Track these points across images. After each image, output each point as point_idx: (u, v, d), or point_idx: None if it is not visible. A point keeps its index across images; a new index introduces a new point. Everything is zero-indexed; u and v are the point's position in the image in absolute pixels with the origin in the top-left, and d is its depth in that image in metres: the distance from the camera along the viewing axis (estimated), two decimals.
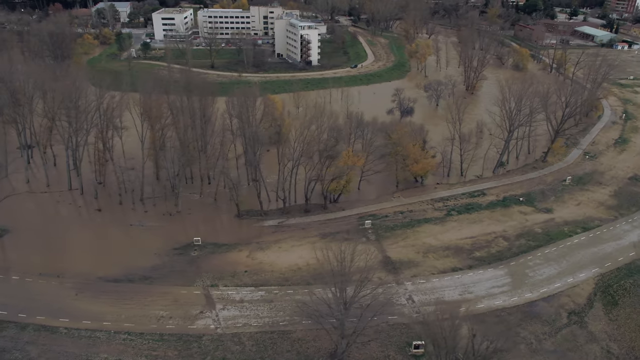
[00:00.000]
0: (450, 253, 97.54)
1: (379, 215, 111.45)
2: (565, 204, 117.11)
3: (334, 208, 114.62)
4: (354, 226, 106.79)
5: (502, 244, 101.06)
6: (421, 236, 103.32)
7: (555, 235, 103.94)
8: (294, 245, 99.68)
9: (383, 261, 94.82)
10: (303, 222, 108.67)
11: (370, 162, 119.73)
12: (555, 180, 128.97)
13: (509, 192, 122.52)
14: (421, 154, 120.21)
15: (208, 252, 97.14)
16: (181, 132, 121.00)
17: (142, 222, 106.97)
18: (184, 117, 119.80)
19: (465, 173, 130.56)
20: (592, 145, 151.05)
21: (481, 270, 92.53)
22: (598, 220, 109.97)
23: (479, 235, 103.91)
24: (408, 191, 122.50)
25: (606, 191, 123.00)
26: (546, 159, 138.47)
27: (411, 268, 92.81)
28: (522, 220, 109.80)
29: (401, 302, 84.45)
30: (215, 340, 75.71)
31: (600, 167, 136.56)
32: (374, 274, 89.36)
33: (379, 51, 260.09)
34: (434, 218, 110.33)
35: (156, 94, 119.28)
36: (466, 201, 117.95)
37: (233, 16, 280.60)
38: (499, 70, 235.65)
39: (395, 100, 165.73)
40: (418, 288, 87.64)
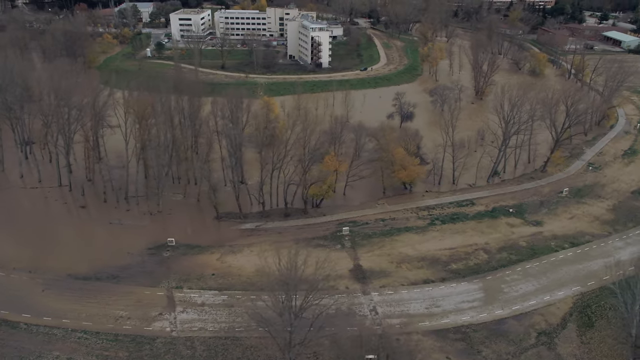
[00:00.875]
0: (425, 264, 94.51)
1: (359, 222, 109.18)
2: (557, 217, 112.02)
3: (315, 213, 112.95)
4: (331, 232, 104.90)
5: (482, 256, 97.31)
6: (398, 245, 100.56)
7: (540, 249, 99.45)
8: (265, 249, 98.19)
9: (354, 269, 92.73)
10: (281, 227, 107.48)
11: (355, 167, 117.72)
12: (552, 191, 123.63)
13: (500, 202, 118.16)
14: (409, 161, 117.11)
15: (180, 254, 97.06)
16: (168, 132, 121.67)
17: (122, 220, 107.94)
18: (166, 116, 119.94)
19: (457, 181, 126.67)
20: (599, 155, 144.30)
21: (454, 284, 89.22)
22: (589, 235, 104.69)
23: (459, 246, 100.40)
24: (394, 198, 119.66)
25: (604, 205, 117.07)
26: (545, 169, 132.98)
27: (381, 278, 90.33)
28: (508, 232, 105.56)
29: (364, 312, 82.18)
30: (168, 344, 75.32)
31: (602, 179, 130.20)
32: (340, 282, 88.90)
33: (393, 54, 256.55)
34: (416, 227, 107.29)
35: (141, 92, 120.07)
36: (453, 210, 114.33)
37: (249, 17, 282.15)
38: (514, 75, 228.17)
39: (396, 104, 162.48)
40: (384, 299, 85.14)
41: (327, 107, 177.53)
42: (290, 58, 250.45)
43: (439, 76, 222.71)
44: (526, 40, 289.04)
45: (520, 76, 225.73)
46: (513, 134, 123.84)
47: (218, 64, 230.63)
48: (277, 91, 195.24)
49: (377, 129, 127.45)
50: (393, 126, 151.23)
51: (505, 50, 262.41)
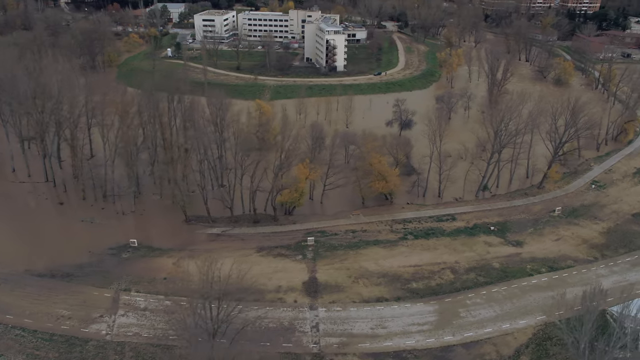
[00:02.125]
0: (384, 281, 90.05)
1: (328, 233, 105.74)
2: (541, 238, 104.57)
3: (285, 221, 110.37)
4: (296, 242, 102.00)
5: (448, 276, 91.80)
6: (362, 259, 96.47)
7: (513, 272, 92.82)
8: (224, 256, 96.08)
9: (308, 282, 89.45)
10: (247, 233, 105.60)
11: (332, 175, 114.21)
12: (543, 210, 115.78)
13: (483, 219, 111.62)
14: (388, 171, 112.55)
15: (139, 255, 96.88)
16: (151, 131, 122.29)
17: (94, 219, 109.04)
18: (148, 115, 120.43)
19: (442, 194, 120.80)
20: (607, 173, 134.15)
21: (409, 304, 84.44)
22: (572, 260, 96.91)
23: (426, 264, 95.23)
24: (372, 209, 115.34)
25: (598, 227, 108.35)
26: (543, 186, 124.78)
27: (333, 293, 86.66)
28: (483, 252, 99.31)
29: (305, 329, 78.90)
30: (99, 347, 74.75)
31: (604, 199, 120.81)
32: (290, 294, 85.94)
33: (413, 59, 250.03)
34: (386, 241, 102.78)
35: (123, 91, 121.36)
36: (430, 225, 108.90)
37: (272, 19, 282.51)
38: (536, 84, 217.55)
39: (396, 111, 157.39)
40: (330, 316, 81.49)
41: (331, 112, 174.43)
42: (307, 61, 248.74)
43: (457, 83, 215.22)
44: (559, 47, 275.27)
45: (543, 85, 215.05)
46: (502, 147, 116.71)
47: (234, 65, 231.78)
48: (284, 94, 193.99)
49: (358, 136, 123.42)
50: (392, 133, 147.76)
51: (532, 57, 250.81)
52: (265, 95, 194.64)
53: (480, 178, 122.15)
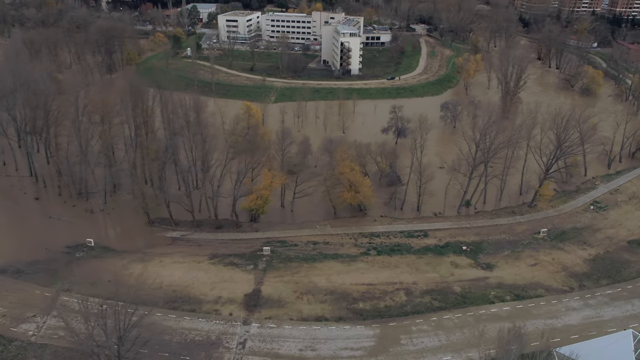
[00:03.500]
0: (331, 299, 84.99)
1: (288, 243, 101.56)
2: (517, 261, 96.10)
3: (248, 228, 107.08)
4: (252, 251, 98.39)
5: (400, 298, 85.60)
6: (314, 273, 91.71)
7: (474, 299, 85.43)
8: (176, 261, 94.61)
9: (251, 295, 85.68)
10: (205, 239, 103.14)
11: (301, 183, 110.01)
12: (528, 230, 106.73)
13: (458, 237, 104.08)
14: (360, 181, 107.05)
15: (91, 255, 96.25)
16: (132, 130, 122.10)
17: (62, 216, 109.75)
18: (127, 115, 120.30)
19: (421, 208, 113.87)
20: (612, 193, 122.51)
21: (348, 326, 79.10)
22: (544, 289, 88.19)
23: (381, 283, 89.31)
24: (342, 220, 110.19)
25: (584, 253, 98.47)
26: (534, 204, 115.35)
27: (273, 308, 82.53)
28: (447, 273, 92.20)
29: (230, 345, 75.15)
30: (21, 348, 74.01)
31: (600, 222, 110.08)
32: (228, 307, 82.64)
33: (433, 64, 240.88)
34: (345, 255, 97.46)
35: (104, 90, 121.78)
36: (398, 241, 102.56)
37: (295, 20, 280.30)
38: (561, 93, 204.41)
39: (393, 118, 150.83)
40: (261, 333, 77.42)
41: (332, 116, 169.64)
42: (324, 63, 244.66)
43: (474, 89, 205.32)
44: (596, 54, 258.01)
45: (568, 95, 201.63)
46: (487, 161, 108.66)
47: (250, 66, 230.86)
48: (289, 96, 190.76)
49: (333, 143, 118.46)
50: (388, 141, 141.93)
51: (563, 65, 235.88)
52: (270, 97, 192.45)
53: (473, 192, 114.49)
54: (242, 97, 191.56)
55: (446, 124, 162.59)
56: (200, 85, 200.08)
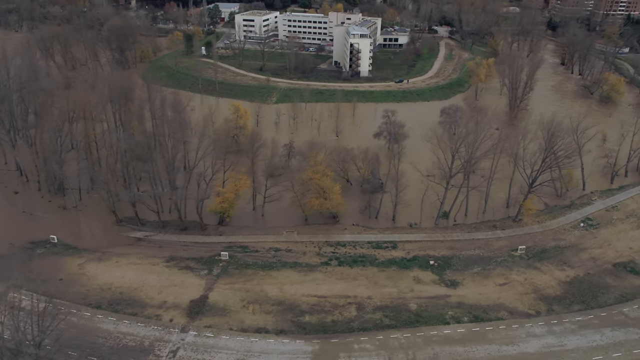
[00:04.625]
0: (277, 310, 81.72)
1: (250, 249, 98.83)
2: (485, 280, 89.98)
3: (213, 231, 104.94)
4: (211, 255, 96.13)
5: (350, 313, 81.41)
6: (268, 282, 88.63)
7: (429, 318, 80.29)
8: (132, 262, 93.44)
9: (197, 301, 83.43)
10: (168, 240, 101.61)
11: (271, 187, 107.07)
12: (506, 247, 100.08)
13: (428, 250, 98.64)
14: (330, 187, 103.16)
15: (52, 252, 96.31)
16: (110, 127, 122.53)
17: (35, 211, 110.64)
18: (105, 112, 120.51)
19: (396, 217, 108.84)
20: (608, 210, 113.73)
21: (288, 340, 75.65)
22: (508, 311, 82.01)
23: (334, 295, 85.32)
24: (311, 227, 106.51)
25: (562, 275, 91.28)
26: (518, 219, 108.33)
27: (216, 316, 79.99)
28: (406, 289, 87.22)
29: (162, 353, 72.97)
30: None
31: (588, 241, 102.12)
32: (170, 312, 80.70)
33: (448, 67, 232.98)
34: (305, 264, 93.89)
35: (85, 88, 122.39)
36: (364, 252, 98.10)
37: (311, 21, 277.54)
38: (577, 101, 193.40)
39: (386, 122, 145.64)
40: (196, 342, 74.97)
41: (330, 119, 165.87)
42: (336, 65, 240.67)
43: (486, 95, 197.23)
44: (624, 60, 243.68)
45: (585, 103, 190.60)
46: (467, 171, 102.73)
47: (259, 66, 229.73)
48: (291, 97, 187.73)
49: (311, 146, 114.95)
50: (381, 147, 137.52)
51: (586, 70, 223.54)
52: (272, 98, 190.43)
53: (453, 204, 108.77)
54: (244, 97, 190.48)
55: (445, 130, 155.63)
56: (204, 84, 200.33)
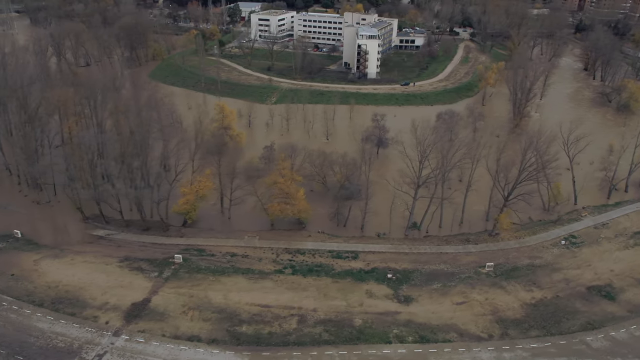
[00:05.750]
0: (216, 317, 79.31)
1: (207, 252, 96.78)
2: (443, 297, 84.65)
3: (175, 232, 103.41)
4: (166, 257, 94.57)
5: (290, 325, 78.08)
6: (215, 288, 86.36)
7: (371, 336, 76.06)
8: (86, 261, 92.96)
9: (138, 304, 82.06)
10: (127, 240, 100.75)
11: (237, 189, 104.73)
12: (474, 263, 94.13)
13: (390, 263, 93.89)
14: (294, 193, 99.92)
15: (11, 248, 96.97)
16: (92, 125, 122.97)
17: (9, 205, 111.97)
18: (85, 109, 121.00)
19: (364, 226, 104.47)
20: (597, 227, 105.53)
21: (217, 350, 73.18)
22: (458, 333, 76.69)
23: (279, 306, 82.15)
24: (275, 232, 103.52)
25: (527, 296, 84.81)
26: (495, 233, 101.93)
27: (152, 321, 78.28)
28: (355, 303, 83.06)
29: (88, 356, 71.74)
30: None
31: (566, 260, 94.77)
32: (108, 314, 79.50)
33: (460, 70, 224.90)
34: (258, 271, 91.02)
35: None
36: (323, 261, 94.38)
37: (326, 21, 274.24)
38: (593, 109, 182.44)
39: (376, 126, 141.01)
40: (125, 347, 73.43)
41: (324, 121, 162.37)
42: (346, 66, 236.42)
43: (495, 100, 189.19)
44: None
45: (600, 111, 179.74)
46: (426, 180, 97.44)
47: (267, 65, 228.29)
48: (291, 98, 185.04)
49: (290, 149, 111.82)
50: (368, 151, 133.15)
51: (608, 76, 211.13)
52: (271, 98, 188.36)
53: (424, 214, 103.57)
54: (244, 96, 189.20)
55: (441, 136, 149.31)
56: (207, 82, 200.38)
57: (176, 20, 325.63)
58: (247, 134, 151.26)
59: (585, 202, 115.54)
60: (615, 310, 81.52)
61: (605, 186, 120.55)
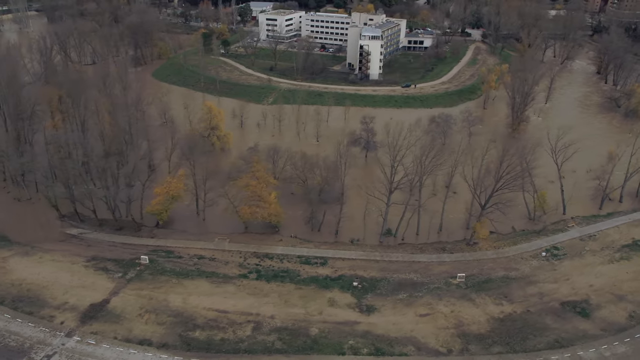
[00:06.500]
0: (171, 322, 78.10)
1: (175, 254, 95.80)
2: (407, 308, 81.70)
3: (147, 233, 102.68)
4: (132, 258, 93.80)
5: (244, 332, 76.33)
6: (176, 291, 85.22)
7: (325, 346, 73.80)
8: (54, 259, 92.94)
9: (97, 305, 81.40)
10: (99, 239, 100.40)
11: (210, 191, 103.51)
12: (446, 273, 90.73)
13: (359, 270, 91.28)
14: (266, 196, 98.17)
15: None
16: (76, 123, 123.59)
17: None
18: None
19: (338, 232, 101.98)
20: (582, 239, 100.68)
21: (166, 355, 72.09)
22: (417, 347, 73.78)
23: (237, 312, 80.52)
24: (246, 236, 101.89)
25: (496, 310, 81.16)
26: (473, 242, 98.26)
27: (107, 323, 77.54)
28: (315, 311, 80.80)
29: (36, 357, 71.27)
30: None
31: (544, 273, 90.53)
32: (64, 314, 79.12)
33: (466, 72, 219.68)
34: (222, 275, 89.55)
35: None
36: (290, 266, 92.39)
37: (334, 21, 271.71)
38: (599, 115, 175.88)
39: (364, 129, 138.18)
40: (75, 348, 72.81)
41: (316, 122, 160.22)
42: (349, 66, 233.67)
43: (498, 104, 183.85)
44: None
45: (607, 117, 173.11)
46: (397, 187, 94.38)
47: (270, 65, 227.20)
48: (288, 99, 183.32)
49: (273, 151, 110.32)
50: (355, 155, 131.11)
51: (620, 80, 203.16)
52: (268, 99, 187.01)
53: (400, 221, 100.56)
54: (242, 96, 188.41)
55: (433, 140, 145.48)
56: (206, 82, 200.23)
57: (188, 19, 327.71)
58: (238, 135, 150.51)
59: (575, 212, 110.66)
60: (588, 328, 77.32)
61: (598, 196, 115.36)
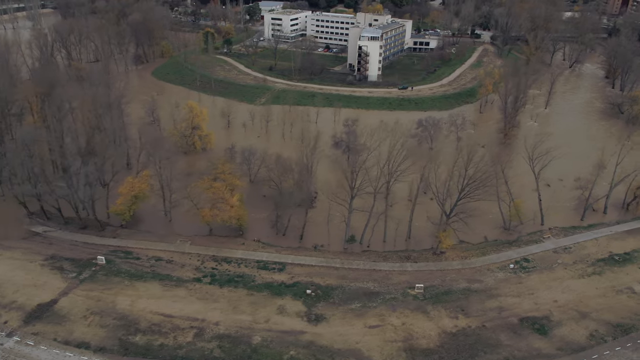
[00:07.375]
0: (114, 325, 77.10)
1: (134, 255, 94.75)
2: (358, 319, 78.89)
3: (111, 232, 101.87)
4: (89, 258, 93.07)
5: (185, 338, 74.80)
6: (126, 293, 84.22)
7: (265, 356, 71.82)
8: (12, 257, 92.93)
9: (44, 305, 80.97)
10: (61, 238, 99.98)
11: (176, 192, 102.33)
12: (406, 282, 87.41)
13: (316, 277, 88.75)
14: (227, 198, 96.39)
15: None
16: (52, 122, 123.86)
17: None
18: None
19: (303, 237, 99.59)
20: (556, 252, 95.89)
21: (101, 359, 70.61)
22: (359, 357, 70.88)
23: (182, 316, 79.03)
24: (209, 238, 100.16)
25: (450, 324, 77.67)
26: (439, 252, 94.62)
27: (50, 324, 76.97)
28: (262, 319, 78.69)
29: None
30: None
31: (508, 286, 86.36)
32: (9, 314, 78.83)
33: (468, 75, 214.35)
34: (176, 278, 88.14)
35: None
36: (246, 271, 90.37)
37: (339, 21, 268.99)
38: (602, 121, 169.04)
39: (347, 132, 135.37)
40: (13, 349, 72.39)
41: (306, 124, 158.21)
42: (350, 67, 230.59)
43: (495, 108, 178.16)
44: None
45: (609, 123, 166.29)
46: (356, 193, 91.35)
47: (270, 65, 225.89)
48: (283, 99, 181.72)
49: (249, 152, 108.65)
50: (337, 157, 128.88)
51: (627, 85, 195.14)
52: (261, 99, 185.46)
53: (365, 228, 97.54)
54: (235, 96, 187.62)
55: (420, 144, 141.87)
56: (202, 81, 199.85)
57: (197, 18, 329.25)
58: (223, 135, 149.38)
59: (555, 223, 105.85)
60: (543, 346, 73.28)
61: (581, 206, 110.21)
